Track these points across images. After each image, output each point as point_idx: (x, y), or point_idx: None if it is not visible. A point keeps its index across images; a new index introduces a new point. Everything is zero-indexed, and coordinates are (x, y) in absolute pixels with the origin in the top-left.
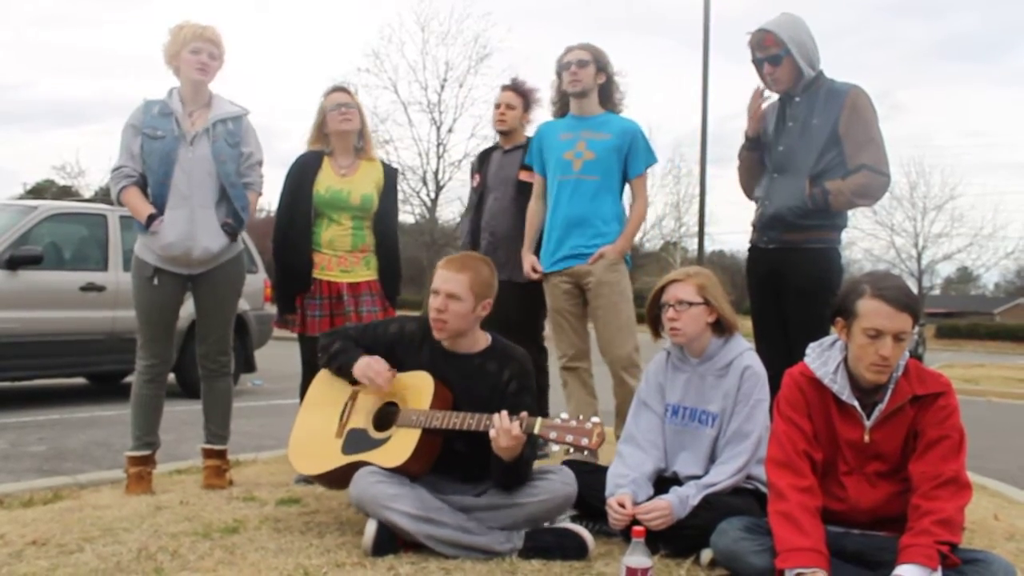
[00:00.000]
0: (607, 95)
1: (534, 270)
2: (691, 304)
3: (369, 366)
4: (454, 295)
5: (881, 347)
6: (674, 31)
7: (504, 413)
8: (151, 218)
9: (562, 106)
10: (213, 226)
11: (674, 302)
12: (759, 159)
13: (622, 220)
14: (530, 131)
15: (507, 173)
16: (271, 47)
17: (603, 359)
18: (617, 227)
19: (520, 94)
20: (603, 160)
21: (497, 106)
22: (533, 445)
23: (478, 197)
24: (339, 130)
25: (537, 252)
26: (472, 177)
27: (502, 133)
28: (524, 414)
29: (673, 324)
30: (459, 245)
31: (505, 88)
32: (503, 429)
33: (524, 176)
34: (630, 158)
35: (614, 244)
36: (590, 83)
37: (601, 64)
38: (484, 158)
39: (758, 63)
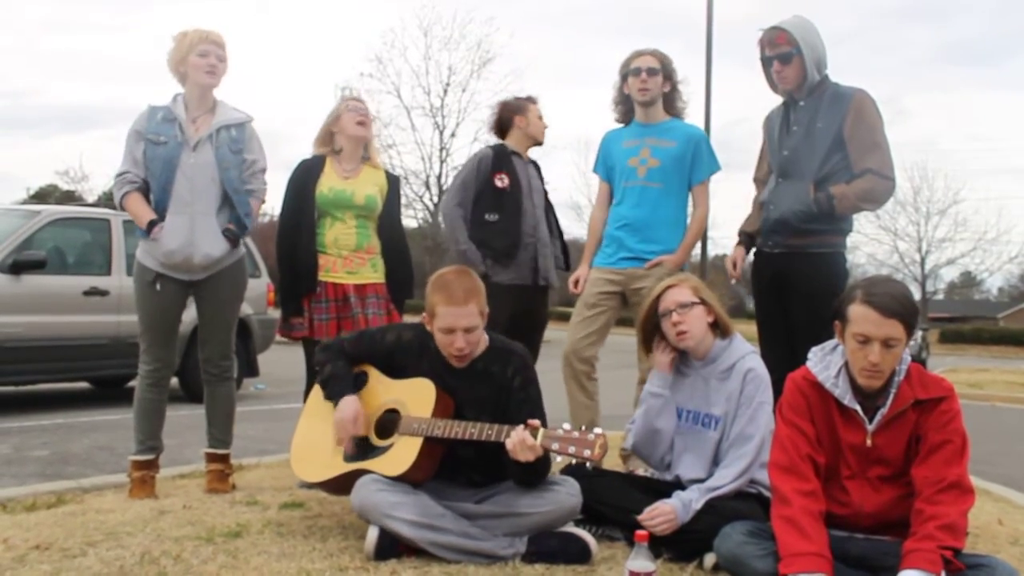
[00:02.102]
0: (671, 102)
1: (576, 284)
2: (692, 305)
3: (342, 424)
4: (472, 328)
5: (869, 353)
6: (678, 35)
7: (520, 428)
8: (151, 224)
9: (625, 110)
10: (214, 232)
11: (675, 306)
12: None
13: (684, 227)
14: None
15: (536, 184)
16: (276, 53)
17: (639, 364)
18: (678, 234)
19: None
20: (667, 167)
21: (540, 117)
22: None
23: (513, 200)
24: (352, 134)
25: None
26: (496, 174)
27: (537, 143)
28: (536, 422)
29: (680, 327)
30: (465, 246)
31: (535, 101)
32: (520, 443)
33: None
34: (694, 165)
35: (673, 255)
36: (657, 92)
37: (667, 72)
38: (503, 159)
39: (767, 61)
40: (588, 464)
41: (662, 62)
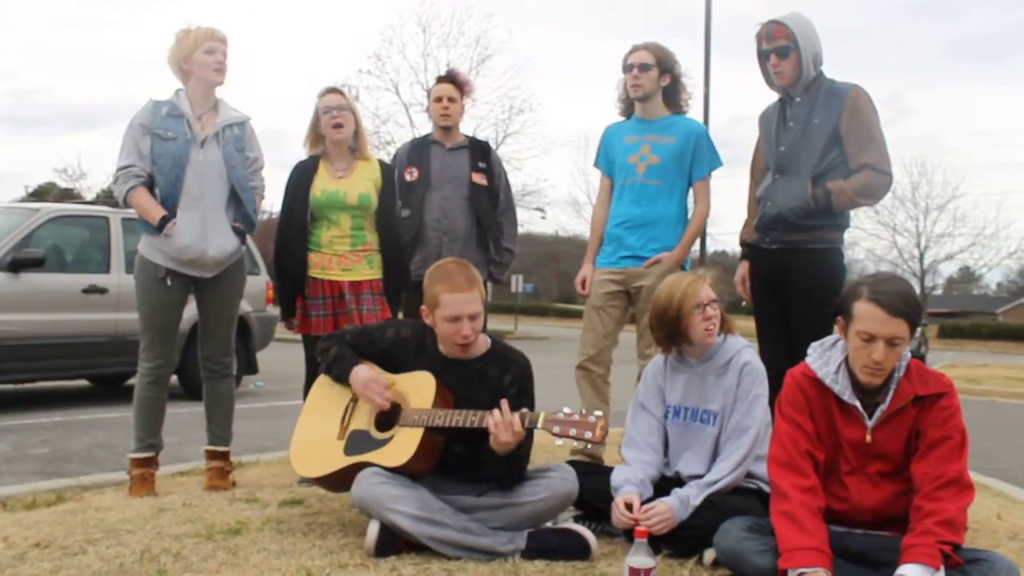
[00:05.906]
0: (672, 96)
1: (583, 285)
2: (718, 301)
3: (368, 386)
4: (476, 315)
5: (873, 351)
6: (679, 31)
7: (505, 405)
8: (164, 220)
9: (628, 105)
10: (225, 228)
11: (707, 301)
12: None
13: (684, 223)
14: (464, 128)
15: (455, 172)
16: (277, 51)
17: (638, 360)
18: (678, 231)
19: (458, 86)
20: (667, 164)
21: (438, 99)
22: (530, 438)
23: (420, 194)
24: (331, 138)
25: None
26: (404, 169)
27: (444, 128)
28: (525, 410)
29: (713, 322)
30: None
31: (442, 80)
32: (505, 423)
33: (476, 178)
34: (694, 161)
35: (672, 252)
36: (652, 87)
37: (666, 66)
38: (420, 151)
39: (764, 55)
40: (589, 446)
41: (657, 56)
